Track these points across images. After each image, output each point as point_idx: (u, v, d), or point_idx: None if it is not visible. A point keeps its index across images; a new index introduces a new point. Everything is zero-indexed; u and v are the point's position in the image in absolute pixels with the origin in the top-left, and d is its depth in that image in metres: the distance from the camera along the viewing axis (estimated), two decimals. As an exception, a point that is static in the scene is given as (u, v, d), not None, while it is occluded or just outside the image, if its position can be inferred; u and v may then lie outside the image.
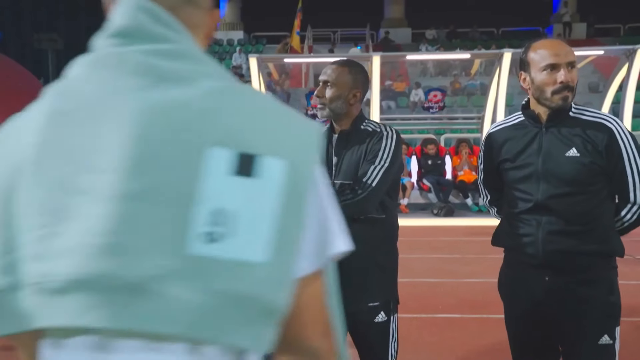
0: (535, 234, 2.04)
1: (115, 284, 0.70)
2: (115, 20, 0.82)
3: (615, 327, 2.01)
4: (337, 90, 2.21)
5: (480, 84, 18.35)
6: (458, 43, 22.89)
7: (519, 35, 25.06)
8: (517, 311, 2.18)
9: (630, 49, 8.73)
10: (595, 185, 1.98)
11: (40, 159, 0.75)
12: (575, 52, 2.01)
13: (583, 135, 1.98)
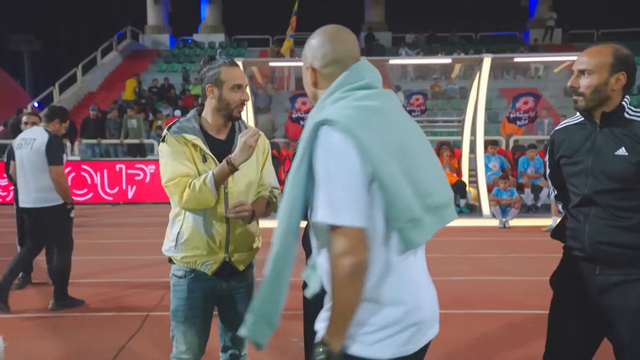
0: (582, 227, 2.22)
1: (450, 202, 1.65)
2: (368, 73, 1.64)
3: None
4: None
5: (460, 87, 18.68)
6: (437, 47, 23.22)
7: (497, 40, 25.52)
8: (563, 303, 2.33)
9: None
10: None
11: (403, 138, 1.55)
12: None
13: (633, 136, 2.14)
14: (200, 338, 2.53)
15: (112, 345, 4.02)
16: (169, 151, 2.38)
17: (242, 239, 2.49)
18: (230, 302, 2.57)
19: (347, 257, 1.43)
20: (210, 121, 2.47)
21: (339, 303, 1.48)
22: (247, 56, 23.38)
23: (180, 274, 2.48)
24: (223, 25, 27.42)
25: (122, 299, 5.16)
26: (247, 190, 2.49)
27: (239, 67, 2.46)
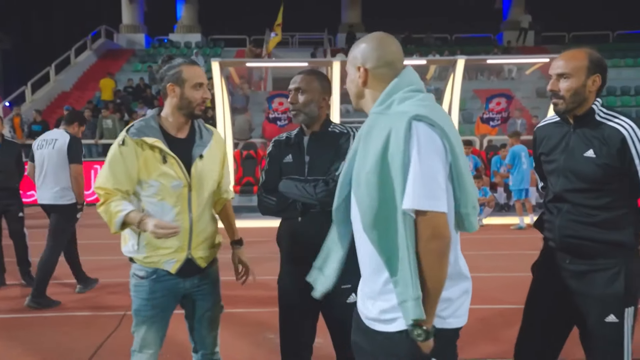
0: (554, 220, 2.37)
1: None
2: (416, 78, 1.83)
3: (624, 309, 2.26)
4: (309, 96, 2.46)
5: (435, 88, 18.90)
6: (413, 48, 23.43)
7: (471, 42, 25.85)
8: (538, 287, 2.50)
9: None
10: (611, 184, 2.24)
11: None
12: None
13: (601, 138, 2.25)
14: (161, 334, 2.55)
15: (89, 345, 4.02)
16: (117, 158, 2.36)
17: (204, 236, 2.52)
18: (194, 299, 2.57)
19: (438, 239, 1.62)
20: (171, 120, 2.46)
21: (433, 281, 1.64)
22: (224, 56, 23.29)
23: (142, 274, 2.46)
24: (199, 25, 27.25)
25: (99, 299, 5.15)
26: (209, 187, 2.52)
27: (199, 66, 2.48)
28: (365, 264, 1.84)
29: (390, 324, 1.73)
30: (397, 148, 1.64)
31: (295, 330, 2.59)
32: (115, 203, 2.32)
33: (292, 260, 2.53)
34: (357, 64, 1.84)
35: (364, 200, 1.71)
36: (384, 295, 1.75)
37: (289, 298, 2.58)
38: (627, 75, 21.59)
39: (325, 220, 2.39)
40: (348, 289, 2.44)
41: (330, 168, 2.41)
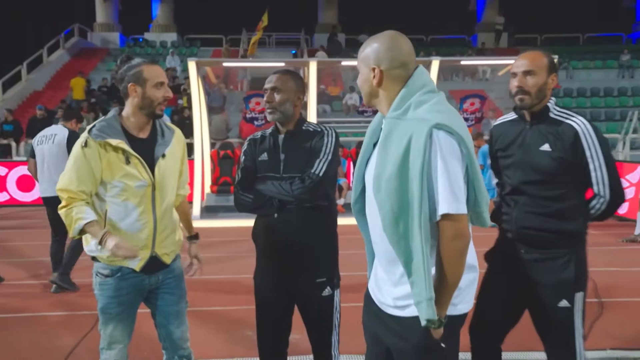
0: (511, 212, 2.51)
1: None
2: (428, 78, 1.88)
3: (575, 294, 2.42)
4: (284, 95, 2.53)
5: (410, 89, 19.04)
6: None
7: (447, 43, 26.18)
8: (493, 276, 2.63)
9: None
10: (564, 176, 2.41)
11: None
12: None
13: (555, 133, 2.41)
14: (128, 330, 2.58)
15: (66, 344, 4.01)
16: (80, 159, 2.37)
17: (168, 233, 2.56)
18: (159, 295, 2.59)
19: (460, 239, 1.75)
20: (133, 120, 2.47)
21: (452, 277, 1.76)
22: (200, 56, 23.16)
23: (107, 272, 2.47)
24: (175, 24, 27.05)
25: (74, 300, 5.11)
26: (171, 185, 2.57)
27: (159, 66, 2.52)
28: (382, 255, 1.93)
29: (403, 310, 1.85)
30: (418, 155, 1.71)
31: (271, 325, 2.65)
32: (77, 209, 2.34)
33: (268, 256, 2.58)
34: (370, 64, 1.87)
35: (384, 205, 1.79)
36: (400, 285, 1.86)
37: (264, 293, 2.63)
38: (596, 77, 22.09)
39: (300, 216, 2.47)
40: (323, 282, 2.52)
41: (306, 165, 2.47)
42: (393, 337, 1.91)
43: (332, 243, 2.60)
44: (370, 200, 1.91)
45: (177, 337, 2.65)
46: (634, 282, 5.42)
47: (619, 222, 8.85)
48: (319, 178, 2.42)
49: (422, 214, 1.72)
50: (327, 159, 2.46)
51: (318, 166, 2.44)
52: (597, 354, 3.69)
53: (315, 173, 2.42)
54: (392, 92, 1.86)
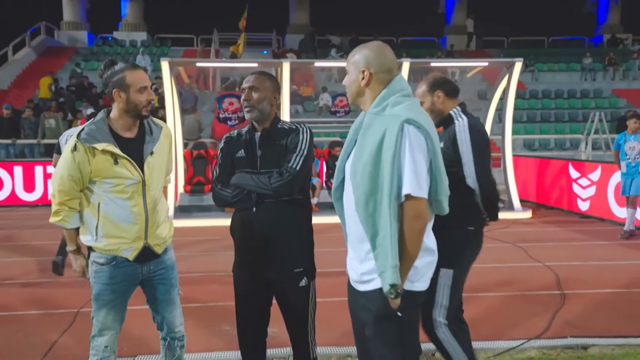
0: None
1: None
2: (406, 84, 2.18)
3: (440, 268, 2.65)
4: (262, 94, 2.66)
5: (381, 90, 19.28)
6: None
7: (416, 45, 26.55)
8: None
9: (509, 61, 9.70)
10: (448, 168, 2.59)
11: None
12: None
13: (447, 132, 2.91)
14: (120, 318, 2.74)
15: (43, 342, 4.03)
16: (70, 163, 2.53)
17: (159, 224, 2.72)
18: (152, 284, 2.77)
19: (419, 220, 2.03)
20: (120, 122, 2.62)
21: (410, 252, 2.03)
22: (171, 55, 23.01)
23: (102, 261, 2.64)
24: (145, 23, 26.80)
25: (51, 298, 5.12)
26: (160, 179, 2.73)
27: (141, 70, 2.64)
28: (352, 235, 2.19)
29: (368, 284, 2.11)
30: (390, 145, 1.99)
31: (250, 315, 2.76)
32: (66, 214, 2.62)
33: (247, 249, 2.69)
34: (360, 67, 2.18)
35: (358, 186, 2.05)
36: (366, 262, 2.11)
37: (243, 285, 2.74)
38: (560, 79, 22.73)
39: (278, 209, 2.59)
40: (300, 272, 2.65)
41: (283, 161, 2.60)
42: (362, 311, 2.18)
43: (308, 235, 2.73)
44: (347, 185, 2.19)
45: (170, 321, 2.84)
46: (594, 275, 5.69)
47: (580, 219, 9.20)
48: (296, 172, 2.55)
49: (391, 195, 2.00)
50: (303, 154, 2.60)
51: (295, 160, 2.57)
52: (559, 341, 3.90)
53: (292, 167, 2.55)
54: (376, 92, 2.17)
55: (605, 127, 13.77)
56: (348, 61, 2.22)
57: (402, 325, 2.11)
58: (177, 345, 2.90)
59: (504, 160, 9.96)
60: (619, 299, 4.87)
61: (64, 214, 2.62)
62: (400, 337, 2.12)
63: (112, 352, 2.71)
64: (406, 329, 2.14)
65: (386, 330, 2.10)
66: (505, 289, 5.22)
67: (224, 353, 3.83)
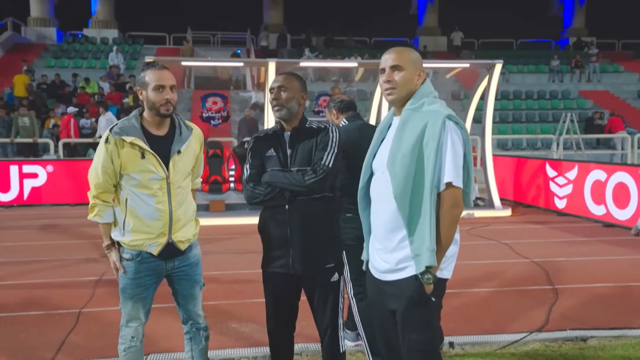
0: None
1: None
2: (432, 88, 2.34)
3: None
4: (290, 93, 2.73)
5: (357, 90, 19.53)
6: (334, 51, 23.98)
7: (390, 45, 26.49)
8: None
9: (490, 63, 9.92)
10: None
11: None
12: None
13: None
14: (145, 309, 2.85)
15: (49, 342, 4.00)
16: (104, 155, 2.67)
17: (184, 222, 2.81)
18: (175, 280, 2.87)
19: (458, 207, 2.20)
20: (149, 119, 2.74)
21: (446, 239, 2.18)
22: (144, 53, 22.71)
23: (128, 257, 2.76)
24: (116, 21, 26.39)
25: (48, 299, 5.05)
26: (185, 179, 2.81)
27: (165, 70, 2.72)
28: (382, 226, 2.30)
29: (401, 272, 2.23)
30: (433, 137, 2.14)
31: (280, 312, 2.82)
32: (100, 208, 2.75)
33: (278, 246, 2.74)
34: (418, 67, 2.31)
35: (397, 175, 2.18)
36: (399, 250, 2.24)
37: (274, 281, 2.79)
38: (529, 81, 23.31)
39: (310, 206, 2.66)
40: (331, 267, 2.72)
41: (314, 158, 2.67)
42: (390, 300, 2.29)
43: (338, 231, 2.82)
44: (378, 180, 2.32)
45: (194, 314, 2.96)
46: (580, 270, 5.91)
47: (558, 217, 9.49)
48: (329, 169, 2.63)
49: (433, 183, 2.15)
50: (333, 152, 2.68)
51: (327, 158, 2.65)
52: (559, 334, 4.06)
53: (325, 164, 2.63)
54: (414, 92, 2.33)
55: (576, 127, 14.18)
56: (401, 57, 2.30)
57: (432, 310, 2.25)
58: (202, 335, 3.01)
59: (484, 160, 10.19)
60: (608, 292, 5.08)
61: (98, 208, 2.73)
62: (431, 322, 2.26)
63: (138, 341, 2.85)
64: (436, 314, 2.29)
65: (419, 314, 2.22)
66: (498, 284, 5.38)
67: (234, 350, 3.86)
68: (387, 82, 2.31)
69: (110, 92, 17.41)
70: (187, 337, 3.02)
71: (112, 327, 4.28)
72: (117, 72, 19.39)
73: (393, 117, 2.41)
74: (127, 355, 2.83)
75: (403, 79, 2.28)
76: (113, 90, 17.49)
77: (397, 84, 2.29)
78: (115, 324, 4.33)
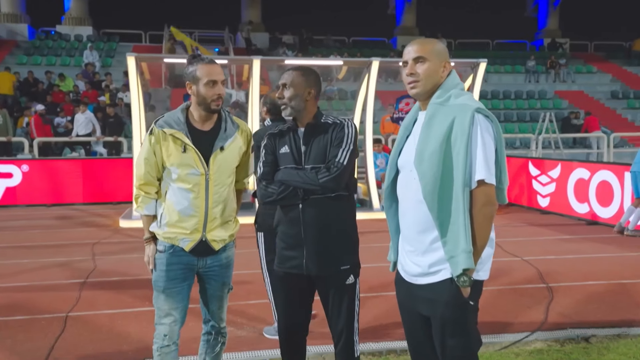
0: None
1: None
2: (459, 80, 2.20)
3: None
4: (293, 90, 2.62)
5: (338, 89, 19.48)
6: (314, 50, 23.87)
7: (368, 45, 26.84)
8: None
9: (474, 62, 9.98)
10: None
11: None
12: None
13: None
14: (179, 306, 2.74)
15: (39, 347, 3.83)
16: (148, 147, 2.66)
17: (220, 222, 2.72)
18: (205, 278, 2.80)
19: (491, 205, 2.06)
20: (195, 114, 2.70)
21: (481, 239, 2.06)
22: (120, 51, 22.30)
23: (161, 249, 2.71)
24: (90, 18, 25.82)
25: (32, 303, 4.85)
26: (226, 176, 2.71)
27: (216, 64, 2.64)
28: (411, 227, 2.17)
29: (435, 275, 2.10)
30: (462, 132, 2.01)
31: (292, 314, 2.72)
32: (142, 199, 2.71)
33: (291, 246, 2.63)
34: (443, 58, 2.17)
35: (425, 174, 2.05)
36: (431, 252, 2.11)
37: (286, 283, 2.69)
38: (507, 81, 23.54)
39: (325, 205, 2.55)
40: (347, 269, 2.61)
41: (328, 155, 2.56)
42: (424, 304, 2.17)
43: (354, 232, 2.70)
44: (405, 178, 2.20)
45: (217, 316, 2.88)
46: (571, 268, 5.93)
47: (541, 215, 9.57)
48: (343, 166, 2.52)
49: (464, 181, 2.02)
50: (349, 149, 2.56)
51: (342, 155, 2.54)
52: (559, 333, 4.04)
53: (339, 162, 2.52)
54: (439, 84, 2.19)
55: (555, 127, 14.35)
56: (425, 49, 2.15)
57: (470, 314, 2.13)
58: (220, 341, 2.94)
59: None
60: (602, 290, 5.10)
61: (141, 199, 2.71)
62: (469, 326, 2.14)
63: (171, 341, 2.72)
64: (473, 318, 2.17)
65: (457, 319, 2.11)
66: (493, 283, 5.35)
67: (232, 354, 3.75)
68: (410, 75, 2.15)
69: (86, 90, 17.01)
70: (204, 338, 2.93)
71: (102, 331, 4.15)
72: (93, 70, 18.96)
73: (418, 111, 2.27)
74: (161, 356, 2.72)
75: (427, 71, 2.13)
76: (89, 89, 17.07)
77: (421, 77, 2.13)
78: (105, 328, 4.23)
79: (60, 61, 21.13)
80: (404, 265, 2.27)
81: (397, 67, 20.81)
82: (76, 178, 11.31)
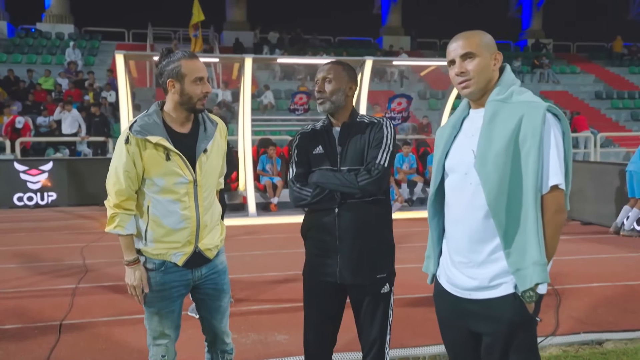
0: None
1: None
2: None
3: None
4: (336, 84, 2.44)
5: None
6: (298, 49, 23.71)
7: (354, 44, 26.78)
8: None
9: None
10: None
11: None
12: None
13: None
14: (174, 325, 2.53)
15: (34, 358, 3.63)
16: (124, 157, 2.33)
17: (211, 228, 2.52)
18: (202, 290, 2.56)
19: (562, 213, 1.89)
20: (174, 115, 2.42)
21: (552, 250, 1.88)
22: (103, 50, 21.97)
23: (151, 267, 2.44)
24: (71, 15, 25.34)
25: (23, 310, 4.62)
26: (213, 181, 2.53)
27: (199, 60, 2.42)
28: (465, 236, 1.97)
29: (495, 289, 1.91)
30: (533, 133, 1.83)
31: (320, 323, 2.56)
32: (121, 218, 2.37)
33: (325, 252, 2.46)
34: (492, 51, 1.98)
35: (490, 177, 1.86)
36: (490, 264, 1.92)
37: (317, 290, 2.53)
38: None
39: (363, 210, 2.40)
40: (383, 278, 2.47)
41: (367, 157, 2.41)
42: (478, 321, 1.96)
43: (391, 238, 2.54)
44: (456, 182, 2.00)
45: (220, 331, 2.64)
46: (574, 270, 5.87)
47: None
48: (384, 169, 2.37)
49: (536, 186, 1.84)
50: (389, 150, 2.41)
51: (382, 156, 2.38)
52: (573, 337, 3.95)
53: (380, 164, 2.36)
54: (495, 80, 2.00)
55: (543, 127, 14.43)
56: (471, 45, 1.95)
57: (535, 331, 1.96)
58: (227, 359, 2.69)
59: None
60: (610, 292, 5.03)
61: (120, 218, 2.36)
62: (534, 344, 1.97)
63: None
64: (536, 335, 2.00)
65: (523, 337, 1.92)
66: (497, 285, 5.27)
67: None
68: (460, 74, 1.95)
69: (69, 89, 16.64)
70: (209, 357, 2.71)
71: (99, 341, 3.96)
72: (76, 69, 18.58)
73: (467, 109, 2.07)
74: None
75: (478, 67, 1.93)
76: (72, 87, 16.73)
77: (472, 74, 1.93)
78: (102, 337, 4.03)
79: (42, 59, 20.70)
80: (450, 277, 2.06)
81: (383, 67, 20.80)
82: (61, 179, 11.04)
